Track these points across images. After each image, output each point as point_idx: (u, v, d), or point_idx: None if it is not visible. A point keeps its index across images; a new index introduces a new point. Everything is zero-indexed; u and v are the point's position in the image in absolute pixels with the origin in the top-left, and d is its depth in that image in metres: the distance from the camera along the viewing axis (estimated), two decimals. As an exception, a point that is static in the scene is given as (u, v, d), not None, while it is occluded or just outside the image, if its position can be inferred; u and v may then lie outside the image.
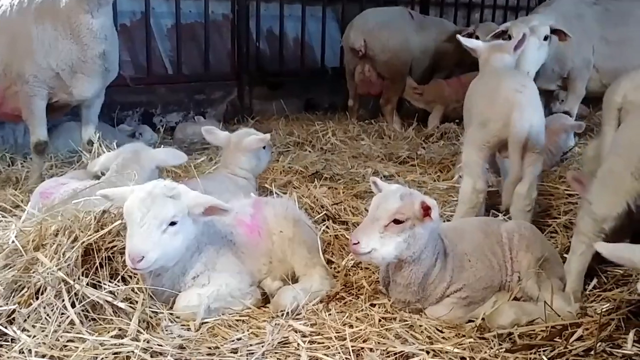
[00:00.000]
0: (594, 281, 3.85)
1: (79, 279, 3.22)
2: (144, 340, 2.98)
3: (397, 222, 3.23)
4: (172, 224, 3.21)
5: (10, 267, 3.35)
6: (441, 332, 3.29)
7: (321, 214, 4.51)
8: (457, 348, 3.06)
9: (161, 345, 2.99)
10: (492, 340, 3.18)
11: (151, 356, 2.92)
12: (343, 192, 5.17)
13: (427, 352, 3.02)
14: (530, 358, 3.05)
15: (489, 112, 4.43)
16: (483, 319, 3.37)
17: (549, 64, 6.64)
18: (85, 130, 5.96)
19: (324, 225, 4.34)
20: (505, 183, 4.47)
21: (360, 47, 8.22)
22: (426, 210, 3.23)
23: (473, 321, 3.40)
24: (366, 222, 3.31)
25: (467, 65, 8.64)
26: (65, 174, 4.86)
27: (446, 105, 8.21)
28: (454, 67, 8.94)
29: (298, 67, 9.97)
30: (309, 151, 6.94)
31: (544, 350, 3.11)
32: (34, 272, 3.24)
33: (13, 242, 3.50)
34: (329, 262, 3.95)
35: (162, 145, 5.41)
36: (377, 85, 8.45)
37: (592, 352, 3.06)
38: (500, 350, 3.09)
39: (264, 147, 4.98)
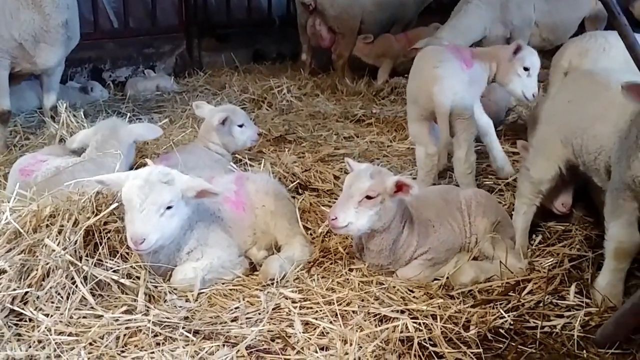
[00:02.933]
0: (539, 237, 4.37)
1: (87, 260, 3.48)
2: (154, 315, 3.30)
3: (369, 197, 3.62)
4: (168, 207, 3.51)
5: (15, 250, 3.56)
6: (412, 292, 3.73)
7: (294, 183, 4.84)
8: (429, 307, 3.51)
9: (169, 318, 3.33)
10: (458, 298, 3.65)
11: (162, 328, 3.25)
12: (310, 158, 5.48)
13: (402, 312, 3.46)
14: (489, 312, 3.54)
15: (416, 90, 4.87)
16: (447, 278, 3.85)
17: (493, 29, 7.07)
18: (47, 98, 6.04)
19: (300, 196, 4.68)
20: (438, 147, 4.89)
21: (311, 1, 8.32)
22: (399, 187, 3.62)
23: (438, 280, 3.87)
24: (341, 199, 3.68)
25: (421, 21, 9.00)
26: (41, 150, 4.96)
27: (395, 59, 8.49)
28: (412, 20, 9.16)
29: (245, 17, 10.01)
30: (267, 109, 7.17)
31: (500, 304, 3.61)
32: (39, 255, 3.48)
33: (8, 222, 3.69)
34: (306, 229, 4.32)
35: (132, 116, 5.50)
36: (327, 39, 8.62)
37: (542, 304, 3.58)
38: (465, 306, 3.56)
39: (240, 125, 5.06)
